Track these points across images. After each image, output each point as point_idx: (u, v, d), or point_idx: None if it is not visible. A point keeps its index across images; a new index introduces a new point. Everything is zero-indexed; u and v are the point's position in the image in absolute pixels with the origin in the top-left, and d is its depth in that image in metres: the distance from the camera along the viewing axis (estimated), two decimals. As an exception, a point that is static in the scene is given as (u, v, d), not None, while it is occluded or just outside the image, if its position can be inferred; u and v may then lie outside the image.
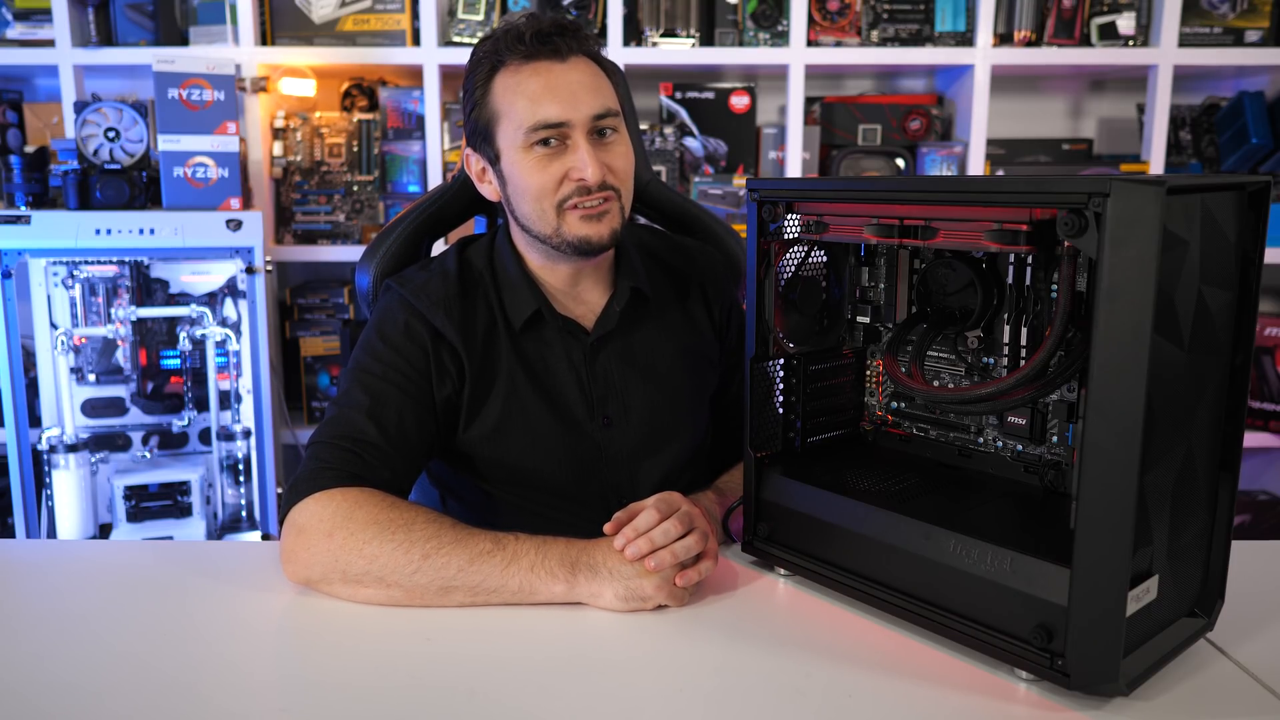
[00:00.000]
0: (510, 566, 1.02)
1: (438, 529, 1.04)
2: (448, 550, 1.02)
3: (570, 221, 1.19)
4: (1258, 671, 0.91)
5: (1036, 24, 2.51)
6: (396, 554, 1.02)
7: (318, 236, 2.60)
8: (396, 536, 1.02)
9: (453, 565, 1.01)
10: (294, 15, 2.49)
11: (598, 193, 1.17)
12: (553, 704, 0.86)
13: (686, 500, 1.08)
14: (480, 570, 1.02)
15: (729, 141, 2.63)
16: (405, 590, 1.02)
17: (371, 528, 1.03)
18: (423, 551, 1.02)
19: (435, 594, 1.02)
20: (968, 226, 0.93)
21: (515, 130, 1.16)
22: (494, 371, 1.24)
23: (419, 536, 1.03)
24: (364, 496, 1.07)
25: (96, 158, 2.19)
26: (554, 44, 1.15)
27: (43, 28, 2.44)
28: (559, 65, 1.16)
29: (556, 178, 1.17)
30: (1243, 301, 0.89)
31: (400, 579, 1.02)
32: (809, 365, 1.15)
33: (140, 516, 2.21)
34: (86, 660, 0.93)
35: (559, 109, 1.15)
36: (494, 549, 1.03)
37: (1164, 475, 0.84)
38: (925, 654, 0.94)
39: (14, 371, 2.21)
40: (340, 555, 1.03)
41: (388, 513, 1.05)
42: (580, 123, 1.15)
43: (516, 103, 1.16)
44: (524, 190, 1.19)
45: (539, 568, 1.02)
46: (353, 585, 1.04)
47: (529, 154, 1.17)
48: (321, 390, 2.63)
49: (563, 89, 1.15)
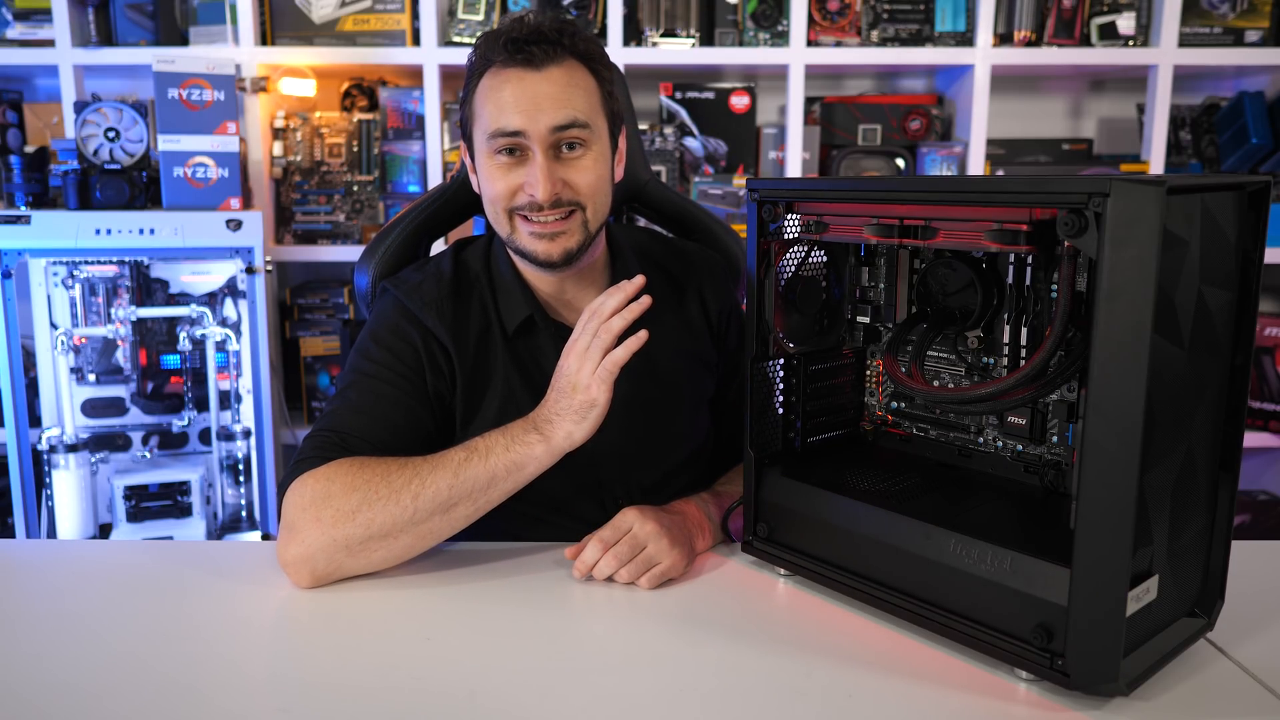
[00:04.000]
0: (489, 458, 1.07)
1: (413, 467, 1.07)
2: (431, 478, 1.06)
3: (521, 232, 1.20)
4: (1258, 671, 0.91)
5: (1036, 24, 2.50)
6: (388, 507, 1.05)
7: (318, 236, 2.60)
8: (380, 492, 1.05)
9: (443, 488, 1.06)
10: (294, 15, 2.49)
11: (550, 210, 1.17)
12: (553, 704, 0.86)
13: (644, 516, 1.11)
14: (468, 477, 1.07)
15: (729, 141, 2.63)
16: (412, 534, 1.06)
17: (354, 495, 1.05)
18: (411, 493, 1.05)
19: (440, 522, 1.07)
20: (968, 226, 0.93)
21: (482, 134, 1.18)
22: (489, 374, 1.24)
23: (399, 482, 1.06)
24: (334, 470, 1.08)
25: (96, 158, 2.19)
26: (528, 52, 1.14)
27: (43, 28, 2.44)
28: (531, 74, 1.15)
29: (512, 188, 1.18)
30: (1243, 301, 0.89)
31: (402, 526, 1.05)
32: (809, 365, 1.15)
33: (140, 516, 2.21)
34: (86, 660, 0.93)
35: (518, 119, 1.15)
36: (468, 454, 1.08)
37: (1164, 475, 0.84)
38: (925, 654, 0.94)
39: (14, 371, 2.21)
40: (335, 532, 1.04)
41: (361, 474, 1.07)
42: (537, 135, 1.15)
43: (487, 107, 1.17)
44: (485, 194, 1.22)
45: (514, 445, 1.08)
46: (359, 554, 1.06)
47: (492, 160, 1.19)
48: (321, 390, 2.63)
49: (526, 99, 1.15)
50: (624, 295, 1.10)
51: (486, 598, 1.07)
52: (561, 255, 1.20)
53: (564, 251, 1.20)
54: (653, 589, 1.08)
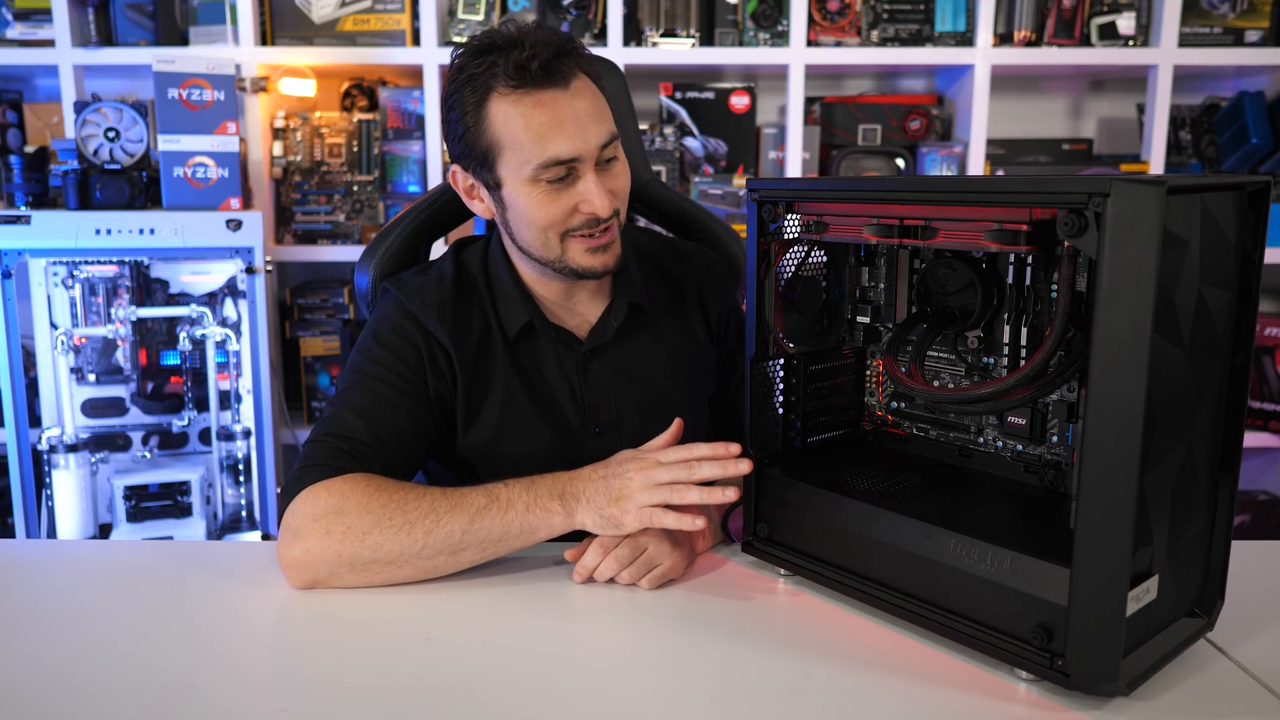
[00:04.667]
0: (508, 513, 1.06)
1: (430, 500, 1.06)
2: (446, 518, 1.05)
3: (574, 251, 1.18)
4: (1258, 671, 0.91)
5: (1036, 24, 2.51)
6: (399, 537, 1.04)
7: (318, 236, 2.60)
8: (395, 520, 1.05)
9: (456, 531, 1.05)
10: (294, 15, 2.49)
11: (605, 221, 1.17)
12: (553, 704, 0.86)
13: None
14: (482, 526, 1.06)
15: (729, 141, 2.63)
16: (416, 567, 1.06)
17: (367, 516, 1.05)
18: (424, 528, 1.05)
19: (446, 561, 1.07)
20: (968, 226, 0.93)
21: (522, 164, 1.13)
22: (489, 378, 1.24)
23: (415, 514, 1.05)
24: (349, 486, 1.07)
25: (96, 158, 2.19)
26: (557, 71, 1.11)
27: (43, 28, 2.44)
28: (563, 95, 1.11)
29: (566, 209, 1.15)
30: (1243, 301, 0.89)
31: (409, 558, 1.05)
32: (809, 365, 1.15)
33: (140, 516, 2.21)
34: (86, 660, 0.93)
35: (569, 145, 1.11)
36: (489, 502, 1.07)
37: (1164, 475, 0.84)
38: (925, 654, 0.94)
39: (14, 371, 2.21)
40: (342, 549, 1.04)
41: (378, 497, 1.06)
42: (590, 155, 1.13)
43: (522, 136, 1.11)
44: (529, 221, 1.17)
45: (534, 507, 1.07)
46: (360, 572, 1.06)
47: (536, 187, 1.14)
48: (321, 390, 2.63)
49: (570, 123, 1.11)
50: (723, 465, 1.06)
51: (486, 598, 1.07)
52: (616, 262, 1.21)
53: (617, 258, 1.21)
54: (653, 589, 1.08)
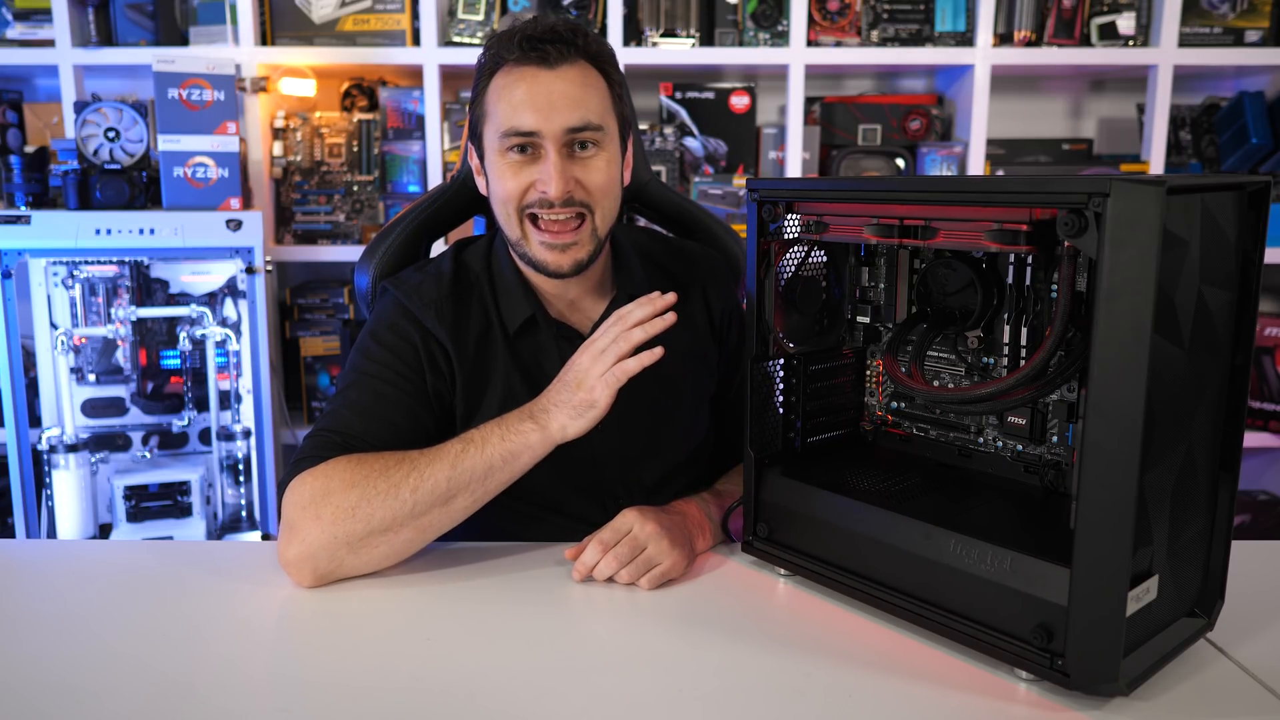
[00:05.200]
0: (485, 448, 1.08)
1: (410, 460, 1.08)
2: (429, 471, 1.06)
3: (533, 241, 1.20)
4: (1258, 671, 0.91)
5: (1036, 24, 2.50)
6: (388, 502, 1.05)
7: (318, 236, 2.60)
8: (379, 487, 1.05)
9: (441, 480, 1.06)
10: (294, 15, 2.49)
11: (561, 208, 1.17)
12: (553, 704, 0.86)
13: (644, 517, 1.11)
14: (465, 469, 1.07)
15: (729, 141, 2.63)
16: (411, 528, 1.07)
17: (353, 491, 1.05)
18: (410, 486, 1.06)
19: (440, 515, 1.07)
20: (968, 226, 0.93)
21: (494, 133, 1.18)
22: (489, 375, 1.24)
23: (398, 476, 1.06)
24: (331, 468, 1.08)
25: (96, 158, 2.18)
26: (544, 50, 1.15)
27: (43, 28, 2.44)
28: (546, 73, 1.15)
29: (523, 186, 1.18)
30: (1243, 301, 0.89)
31: (402, 520, 1.06)
32: (809, 365, 1.15)
33: (140, 516, 2.21)
34: (86, 660, 0.93)
35: (533, 118, 1.15)
36: (464, 445, 1.09)
37: (1164, 475, 0.84)
38: (925, 654, 0.94)
39: (14, 371, 2.21)
40: (336, 530, 1.04)
41: (359, 470, 1.07)
42: (552, 134, 1.15)
43: (499, 106, 1.17)
44: (495, 193, 1.22)
45: (509, 434, 1.09)
46: (360, 550, 1.06)
47: (503, 158, 1.19)
48: (321, 390, 2.63)
49: (541, 98, 1.15)
50: (652, 308, 1.10)
51: (486, 598, 1.07)
52: (572, 266, 1.20)
53: (574, 263, 1.20)
54: (653, 589, 1.08)
